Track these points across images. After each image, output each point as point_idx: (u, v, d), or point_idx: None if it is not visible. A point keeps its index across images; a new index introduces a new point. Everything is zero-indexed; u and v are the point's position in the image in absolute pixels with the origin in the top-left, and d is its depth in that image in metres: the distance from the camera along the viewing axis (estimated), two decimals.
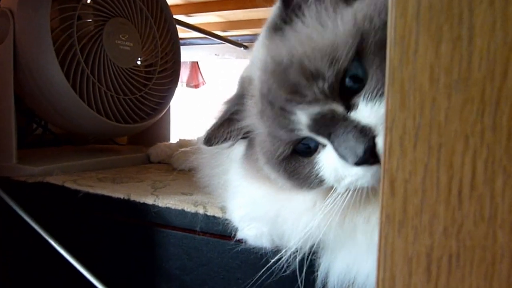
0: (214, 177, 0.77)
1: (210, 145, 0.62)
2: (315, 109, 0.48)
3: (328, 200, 0.53)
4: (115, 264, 0.87)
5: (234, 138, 0.63)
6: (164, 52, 1.36)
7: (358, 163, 0.47)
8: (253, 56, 0.62)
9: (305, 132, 0.51)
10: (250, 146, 0.63)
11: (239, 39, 2.48)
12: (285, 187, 0.59)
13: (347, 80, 0.48)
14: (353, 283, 0.56)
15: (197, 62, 3.06)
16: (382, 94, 0.46)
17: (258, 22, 0.67)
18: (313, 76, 0.47)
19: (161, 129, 1.55)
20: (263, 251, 0.67)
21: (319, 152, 0.53)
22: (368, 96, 0.47)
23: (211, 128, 0.61)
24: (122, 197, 0.83)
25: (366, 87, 0.47)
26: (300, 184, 0.55)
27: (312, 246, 0.59)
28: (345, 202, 0.52)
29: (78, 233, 0.90)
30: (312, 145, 0.53)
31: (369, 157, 0.46)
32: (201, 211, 0.75)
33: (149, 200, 0.81)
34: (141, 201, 0.81)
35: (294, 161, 0.54)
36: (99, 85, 1.13)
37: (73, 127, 1.18)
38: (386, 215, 0.29)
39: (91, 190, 0.86)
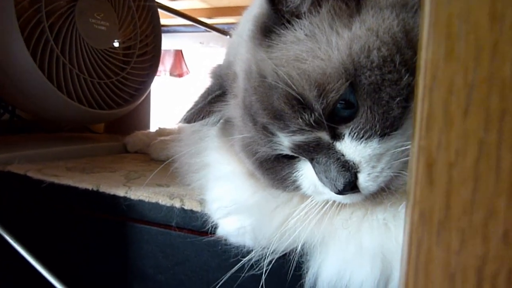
0: (192, 166, 0.70)
1: (189, 122, 0.59)
2: (298, 138, 0.46)
3: (305, 203, 0.52)
4: (82, 264, 0.79)
5: (215, 117, 0.59)
6: (143, 34, 1.27)
7: (337, 193, 0.46)
8: (236, 48, 0.56)
9: (286, 151, 0.48)
10: (225, 123, 0.60)
11: (225, 27, 2.39)
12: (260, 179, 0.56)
13: (338, 106, 0.44)
14: None
15: (181, 51, 2.97)
16: (369, 137, 0.43)
17: (244, 10, 0.61)
18: (299, 106, 0.44)
19: (141, 117, 1.46)
20: (246, 249, 0.60)
21: (300, 159, 0.50)
22: (355, 133, 0.44)
23: (190, 110, 0.58)
24: (90, 188, 0.75)
25: (355, 121, 0.44)
26: (275, 184, 0.53)
27: (295, 247, 0.54)
28: (323, 209, 0.51)
29: (39, 228, 0.81)
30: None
31: (348, 190, 0.45)
32: (177, 204, 0.68)
33: (120, 192, 0.73)
34: (111, 193, 0.73)
35: (274, 161, 0.52)
36: (71, 66, 1.04)
37: (42, 112, 1.09)
38: (419, 213, 0.22)
39: (56, 180, 0.78)
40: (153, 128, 1.48)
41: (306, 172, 0.50)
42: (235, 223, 0.60)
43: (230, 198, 0.60)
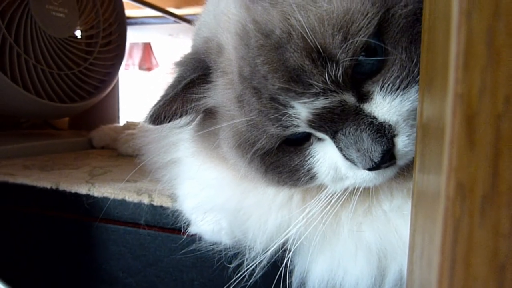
0: (162, 159, 0.63)
1: (158, 123, 0.46)
2: (321, 102, 0.36)
3: (317, 199, 0.43)
4: (42, 269, 0.72)
5: (191, 115, 0.48)
6: (107, 22, 1.19)
7: (372, 168, 0.37)
8: (214, 18, 0.46)
9: (302, 127, 0.39)
10: (205, 118, 0.49)
11: (194, 18, 2.32)
12: (254, 179, 0.47)
13: (361, 58, 0.36)
14: None
15: (149, 44, 2.88)
16: (406, 86, 0.35)
17: None
18: (322, 58, 0.35)
19: (108, 112, 1.38)
20: (222, 247, 0.55)
21: (312, 143, 0.42)
22: (388, 86, 0.36)
23: (158, 103, 0.45)
24: (48, 186, 0.68)
25: (385, 72, 0.36)
26: (283, 180, 0.43)
27: (283, 247, 0.49)
28: (338, 202, 0.42)
29: None
30: (304, 134, 0.41)
31: (386, 161, 0.37)
32: (145, 200, 0.62)
33: (83, 190, 0.66)
34: (73, 191, 0.67)
35: (278, 151, 0.42)
36: (26, 56, 0.96)
37: None
38: (457, 186, 0.16)
39: (10, 179, 0.71)
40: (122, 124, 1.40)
41: (323, 156, 0.41)
42: (212, 224, 0.54)
43: (206, 194, 0.53)
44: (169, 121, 0.46)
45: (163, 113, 0.45)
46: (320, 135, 0.40)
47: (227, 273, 0.54)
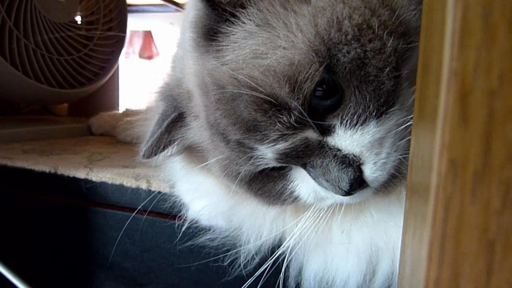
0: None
1: (151, 158, 0.50)
2: (283, 145, 0.38)
3: (309, 212, 0.45)
4: (39, 253, 0.72)
5: (178, 147, 0.51)
6: (107, 9, 1.19)
7: (344, 195, 0.39)
8: (182, 62, 0.48)
9: (272, 164, 0.41)
10: (192, 149, 0.51)
11: None
12: (246, 197, 0.48)
13: (317, 94, 0.37)
14: (331, 284, 0.48)
15: (150, 32, 2.86)
16: (364, 122, 0.37)
17: None
18: (273, 109, 0.37)
19: (107, 99, 1.38)
20: (221, 233, 0.56)
21: (291, 168, 0.43)
22: (347, 121, 0.37)
23: (147, 143, 0.49)
24: (47, 170, 0.69)
25: (343, 107, 0.37)
26: (271, 201, 0.45)
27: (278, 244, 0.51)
28: (327, 214, 0.44)
29: None
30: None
31: (355, 188, 0.38)
32: (143, 185, 0.62)
33: (81, 174, 0.67)
34: (71, 175, 0.67)
35: (263, 177, 0.44)
36: (26, 41, 0.96)
37: None
38: (449, 162, 0.16)
39: (9, 163, 0.71)
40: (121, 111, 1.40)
41: (302, 180, 0.43)
42: (207, 208, 0.55)
43: (201, 192, 0.55)
44: (159, 154, 0.50)
45: (153, 151, 0.49)
46: (292, 166, 0.42)
47: (223, 260, 0.55)
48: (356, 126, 0.37)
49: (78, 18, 1.12)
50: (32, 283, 0.60)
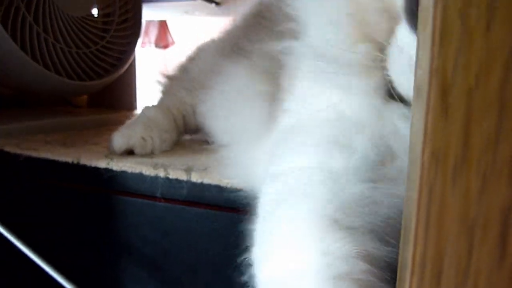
0: None
1: None
2: None
3: None
4: (64, 240, 0.76)
5: None
6: (123, 1, 1.21)
7: None
8: None
9: None
10: None
11: None
12: None
13: None
14: None
15: (165, 21, 2.88)
16: None
17: None
18: None
19: (125, 89, 1.41)
20: (236, 218, 0.58)
21: None
22: None
23: None
24: (70, 161, 0.72)
25: None
26: None
27: None
28: None
29: (18, 205, 0.78)
30: None
31: None
32: (161, 174, 0.65)
33: (102, 164, 0.69)
34: (93, 165, 0.70)
35: None
36: (46, 35, 0.98)
37: (18, 85, 1.04)
38: (431, 153, 0.18)
39: (34, 154, 0.75)
40: (140, 103, 1.43)
41: None
42: None
43: None
44: None
45: None
46: None
47: (242, 244, 0.57)
48: None
49: (95, 11, 1.15)
50: (60, 270, 0.64)
